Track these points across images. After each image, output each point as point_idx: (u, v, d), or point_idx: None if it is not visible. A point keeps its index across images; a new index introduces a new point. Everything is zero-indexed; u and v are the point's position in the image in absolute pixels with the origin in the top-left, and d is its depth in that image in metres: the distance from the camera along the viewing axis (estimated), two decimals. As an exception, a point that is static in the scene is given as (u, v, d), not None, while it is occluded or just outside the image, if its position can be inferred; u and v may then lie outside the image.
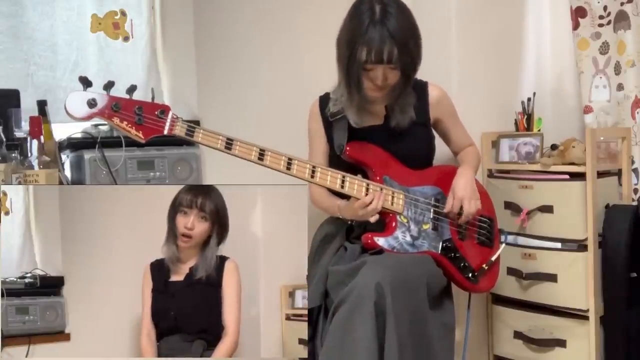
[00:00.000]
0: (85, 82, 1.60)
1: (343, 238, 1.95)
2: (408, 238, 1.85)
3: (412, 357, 1.64)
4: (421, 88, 2.02)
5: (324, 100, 2.03)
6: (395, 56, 1.77)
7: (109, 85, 1.61)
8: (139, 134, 1.62)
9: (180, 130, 1.66)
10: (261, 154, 1.72)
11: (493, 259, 2.01)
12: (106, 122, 1.63)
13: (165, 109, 1.65)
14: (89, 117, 1.61)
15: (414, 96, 1.97)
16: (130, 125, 1.61)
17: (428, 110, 2.02)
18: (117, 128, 1.62)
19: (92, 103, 1.59)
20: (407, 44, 1.80)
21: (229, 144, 1.70)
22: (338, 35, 1.88)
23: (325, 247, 1.97)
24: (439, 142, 2.18)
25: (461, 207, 1.94)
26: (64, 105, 1.58)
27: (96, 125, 2.11)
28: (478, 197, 1.98)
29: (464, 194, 1.94)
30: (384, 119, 1.98)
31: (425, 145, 2.01)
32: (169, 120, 1.65)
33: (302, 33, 2.46)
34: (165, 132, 1.65)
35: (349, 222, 1.95)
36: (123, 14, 2.23)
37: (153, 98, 1.67)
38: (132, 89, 1.64)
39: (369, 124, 1.98)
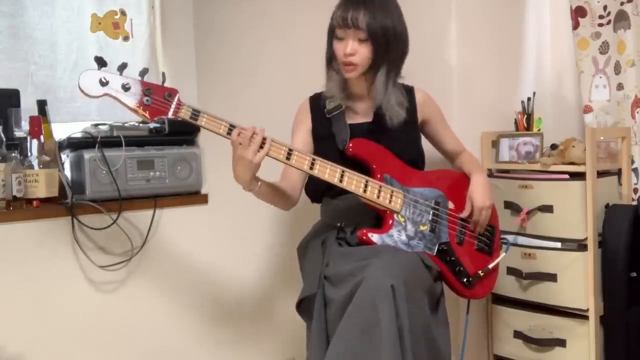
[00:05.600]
0: (100, 62, 1.65)
1: (333, 235, 1.96)
2: (403, 237, 1.86)
3: (422, 343, 1.66)
4: (408, 91, 2.04)
5: (315, 98, 2.05)
6: (361, 22, 1.83)
7: (122, 67, 1.67)
8: (145, 114, 1.67)
9: (185, 114, 1.69)
10: (262, 143, 1.73)
11: (490, 266, 2.00)
12: (115, 100, 1.67)
13: (172, 92, 1.69)
14: (100, 96, 1.66)
15: (404, 96, 1.99)
16: (138, 105, 1.66)
17: (416, 111, 2.04)
18: (125, 107, 1.67)
19: (103, 82, 1.64)
20: (380, 21, 1.86)
21: (231, 129, 1.71)
22: None
23: (314, 240, 2.00)
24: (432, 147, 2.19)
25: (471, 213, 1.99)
26: (78, 82, 1.63)
27: (96, 125, 2.11)
28: (492, 206, 2.02)
29: (483, 205, 1.98)
30: (372, 116, 1.99)
31: (412, 145, 2.01)
32: (174, 103, 1.68)
33: (302, 32, 2.47)
34: (170, 114, 1.69)
35: (339, 224, 1.96)
36: (123, 13, 2.23)
37: (164, 82, 1.70)
38: (144, 72, 1.70)
39: (357, 121, 1.99)
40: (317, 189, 2.01)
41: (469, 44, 2.67)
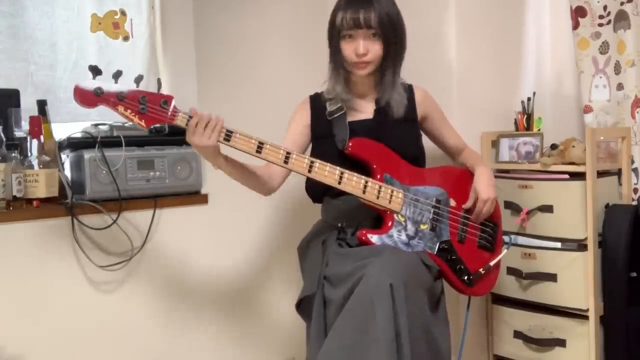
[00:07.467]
0: (95, 71, 1.65)
1: (334, 236, 1.96)
2: (403, 237, 1.85)
3: (421, 343, 1.66)
4: (407, 88, 2.05)
5: (315, 98, 2.05)
6: (373, 21, 1.85)
7: (117, 75, 1.67)
8: (141, 122, 1.67)
9: (180, 121, 1.70)
10: (260, 146, 1.74)
11: (492, 264, 1.99)
12: (111, 110, 1.66)
13: (168, 100, 1.69)
14: (95, 104, 1.65)
15: (404, 92, 1.99)
16: (133, 113, 1.66)
17: (415, 108, 2.04)
18: (121, 116, 1.66)
19: (98, 92, 1.64)
20: (387, 13, 1.87)
21: (227, 135, 1.71)
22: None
23: (315, 239, 2.00)
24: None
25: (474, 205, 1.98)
26: (72, 93, 1.63)
27: (96, 125, 2.11)
28: (495, 198, 2.02)
29: (487, 196, 1.98)
30: (373, 113, 1.99)
31: (413, 141, 2.02)
32: (170, 110, 1.69)
33: (301, 32, 2.47)
34: (166, 122, 1.69)
35: (340, 225, 1.95)
36: (123, 13, 2.23)
37: (159, 89, 1.70)
38: (139, 79, 1.70)
39: (358, 118, 1.99)
40: (317, 189, 2.01)
41: (469, 44, 2.67)
